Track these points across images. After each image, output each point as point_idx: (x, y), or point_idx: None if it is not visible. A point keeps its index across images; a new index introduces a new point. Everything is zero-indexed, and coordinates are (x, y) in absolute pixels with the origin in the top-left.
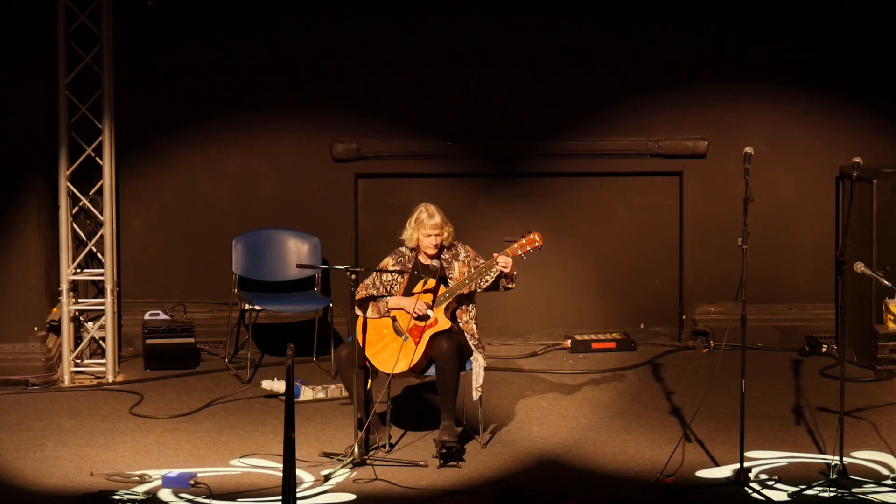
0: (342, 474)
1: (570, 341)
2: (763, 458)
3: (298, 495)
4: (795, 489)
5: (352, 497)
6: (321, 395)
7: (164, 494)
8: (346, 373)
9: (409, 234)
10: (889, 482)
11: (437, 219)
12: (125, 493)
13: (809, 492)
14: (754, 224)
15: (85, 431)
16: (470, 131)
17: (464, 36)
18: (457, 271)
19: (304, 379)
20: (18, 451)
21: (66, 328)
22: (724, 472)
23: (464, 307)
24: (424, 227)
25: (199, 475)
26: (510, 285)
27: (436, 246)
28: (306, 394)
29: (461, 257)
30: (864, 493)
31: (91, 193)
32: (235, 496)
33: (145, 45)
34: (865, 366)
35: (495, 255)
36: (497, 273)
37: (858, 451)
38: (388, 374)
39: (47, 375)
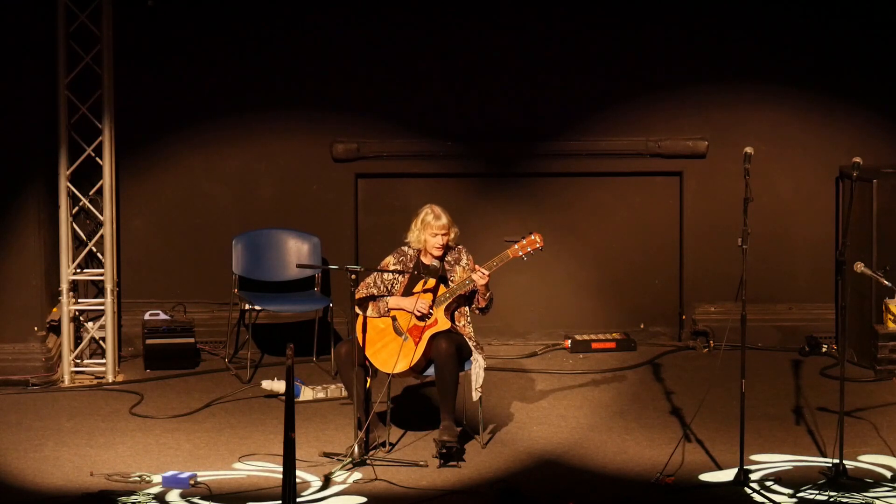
0: (342, 474)
1: (570, 341)
2: (766, 462)
3: (307, 498)
4: (796, 490)
5: (362, 500)
6: (321, 395)
7: (172, 496)
8: (346, 371)
9: (416, 236)
10: (891, 484)
11: (444, 220)
12: (132, 497)
13: (810, 493)
14: (754, 224)
15: (85, 431)
16: (470, 131)
17: (464, 36)
18: (458, 276)
19: (304, 379)
20: (18, 451)
21: (66, 328)
22: (727, 475)
23: (461, 310)
24: (431, 228)
25: (199, 476)
26: (482, 304)
27: (442, 247)
28: (306, 394)
29: (462, 263)
30: (864, 495)
31: (91, 193)
32: (236, 496)
33: (145, 45)
34: (865, 366)
35: (476, 266)
36: (472, 286)
37: (864, 455)
38: (388, 374)
39: (47, 375)
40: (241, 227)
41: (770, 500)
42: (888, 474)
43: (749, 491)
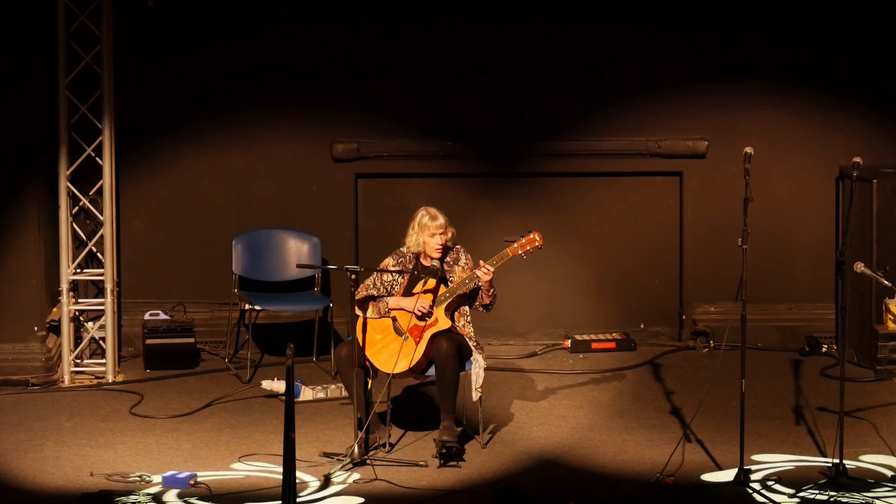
0: (342, 475)
1: (570, 341)
2: (767, 462)
3: (304, 499)
4: (797, 490)
5: (360, 500)
6: (321, 395)
7: (170, 496)
8: (346, 372)
9: (414, 240)
10: (891, 484)
11: (441, 220)
12: (132, 496)
13: (810, 493)
14: (754, 224)
15: (85, 431)
16: (470, 131)
17: (464, 36)
18: (457, 276)
19: (304, 379)
20: (18, 451)
21: (66, 328)
22: (727, 475)
23: (461, 310)
24: (428, 229)
25: (199, 476)
26: (486, 301)
27: (441, 247)
28: (306, 394)
29: (461, 262)
30: (864, 495)
31: (91, 193)
32: (236, 497)
33: (145, 45)
34: (865, 366)
35: (481, 262)
36: (475, 282)
37: (864, 455)
38: (389, 374)
39: (47, 375)
40: (241, 227)
41: (770, 500)
42: (889, 474)
43: (749, 491)
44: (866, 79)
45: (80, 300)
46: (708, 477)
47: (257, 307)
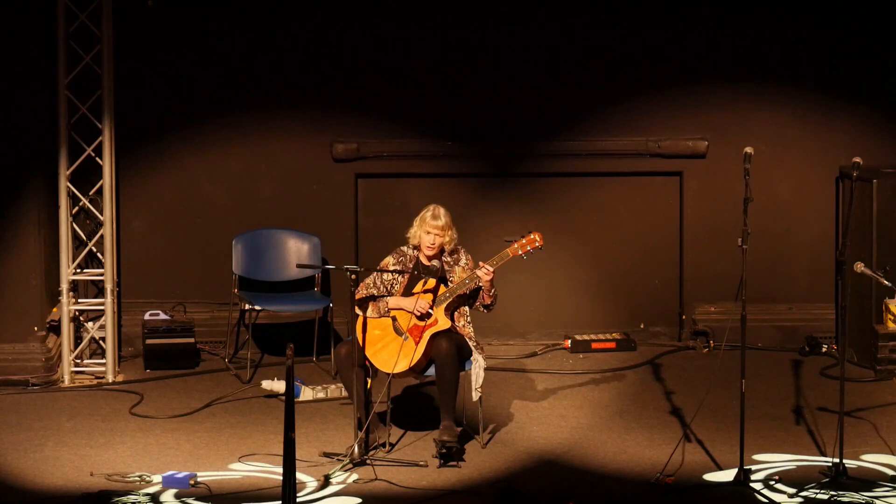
0: (342, 475)
1: (570, 341)
2: (767, 462)
3: (303, 498)
4: (798, 490)
5: (357, 501)
6: (321, 395)
7: (167, 496)
8: (346, 371)
9: (414, 231)
10: (892, 483)
11: (442, 221)
12: (130, 496)
13: (811, 493)
14: (754, 224)
15: (85, 431)
16: (470, 131)
17: (463, 36)
18: (457, 276)
19: (304, 379)
20: (18, 451)
21: (66, 328)
22: (727, 475)
23: (461, 310)
24: (426, 225)
25: (199, 476)
26: (487, 301)
27: (433, 246)
28: (306, 394)
29: (461, 263)
30: (864, 495)
31: (91, 193)
32: (235, 497)
33: (145, 45)
34: (865, 366)
35: (480, 263)
36: (476, 282)
37: (865, 455)
38: (388, 374)
39: (47, 375)
40: (241, 227)
41: (771, 499)
42: (890, 473)
43: (750, 490)
44: (866, 79)
45: (80, 300)
46: (708, 477)
47: (257, 307)
